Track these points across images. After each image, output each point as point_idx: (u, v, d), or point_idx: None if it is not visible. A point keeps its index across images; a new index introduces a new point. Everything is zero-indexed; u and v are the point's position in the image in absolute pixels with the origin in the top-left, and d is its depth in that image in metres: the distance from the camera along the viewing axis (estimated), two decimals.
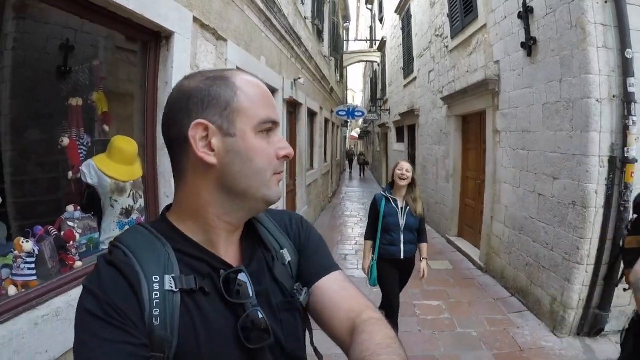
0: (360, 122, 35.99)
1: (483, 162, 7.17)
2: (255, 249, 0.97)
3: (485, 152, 6.97)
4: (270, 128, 0.89)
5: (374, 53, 22.24)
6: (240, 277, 0.85)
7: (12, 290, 1.94)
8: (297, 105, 8.80)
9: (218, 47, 3.96)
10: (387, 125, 18.72)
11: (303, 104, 9.12)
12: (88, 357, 0.70)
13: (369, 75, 30.14)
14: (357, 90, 53.65)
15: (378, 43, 21.04)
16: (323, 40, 12.87)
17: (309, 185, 10.33)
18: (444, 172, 9.29)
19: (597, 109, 4.13)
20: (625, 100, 4.07)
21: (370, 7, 24.69)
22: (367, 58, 24.06)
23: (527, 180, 5.44)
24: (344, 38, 22.95)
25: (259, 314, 0.84)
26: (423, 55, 11.21)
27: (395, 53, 15.88)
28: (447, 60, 9.01)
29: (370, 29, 25.38)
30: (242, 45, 4.68)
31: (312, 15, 10.35)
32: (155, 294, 0.76)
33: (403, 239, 4.02)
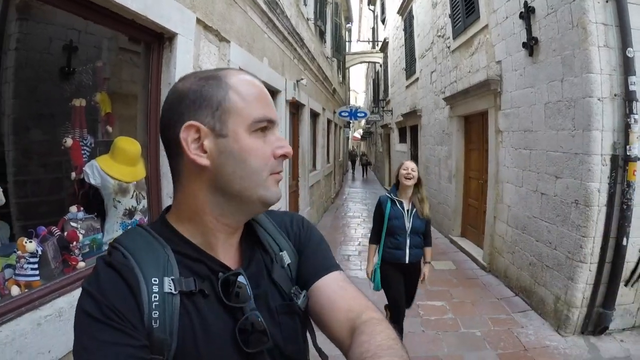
0: (363, 123, 36.01)
1: (485, 162, 7.16)
2: (255, 251, 0.96)
3: (488, 152, 6.97)
4: (266, 127, 0.86)
5: (376, 54, 22.24)
6: (240, 279, 0.84)
7: (15, 290, 1.94)
8: (299, 106, 8.81)
9: (221, 48, 3.97)
10: (389, 126, 18.71)
11: (305, 105, 9.12)
12: (88, 359, 0.69)
13: (372, 76, 30.14)
14: (359, 91, 53.67)
15: (380, 44, 21.05)
16: (325, 41, 12.87)
17: (312, 186, 10.33)
18: (447, 172, 9.28)
19: (598, 108, 4.14)
20: (627, 99, 4.08)
21: (373, 8, 24.65)
22: (369, 59, 24.10)
23: (529, 180, 5.44)
24: (347, 39, 22.92)
25: (257, 318, 0.83)
26: (425, 56, 11.20)
27: (398, 54, 15.88)
28: (449, 61, 9.01)
29: (373, 30, 25.37)
30: (244, 47, 4.68)
31: (314, 17, 10.36)
32: (155, 296, 0.76)
33: (409, 243, 3.89)
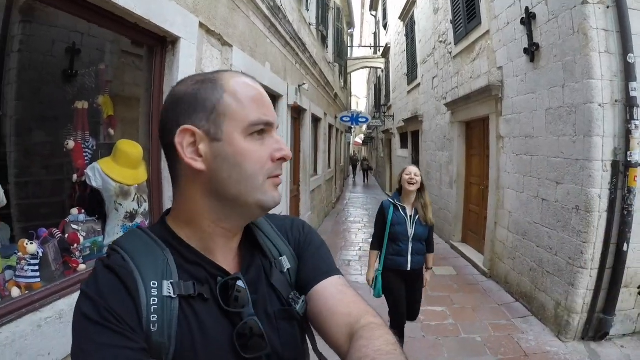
0: (364, 128, 36.02)
1: (486, 167, 7.17)
2: (254, 256, 0.95)
3: (489, 157, 6.97)
4: (264, 130, 0.85)
5: (378, 59, 22.27)
6: (238, 284, 0.84)
7: (15, 292, 1.94)
8: (301, 111, 8.81)
9: (223, 52, 3.99)
10: (390, 131, 18.71)
11: (307, 110, 9.14)
12: None
13: (373, 82, 30.17)
14: (361, 96, 53.79)
15: (382, 49, 21.12)
16: (327, 47, 12.91)
17: (313, 191, 10.34)
18: (448, 177, 9.29)
19: (599, 114, 4.14)
20: (628, 105, 4.09)
21: (374, 13, 24.75)
22: (371, 64, 24.10)
23: (530, 186, 5.44)
24: (348, 44, 23.01)
25: (256, 323, 0.83)
26: (427, 62, 11.23)
27: (399, 59, 15.92)
28: (450, 67, 9.03)
29: (374, 35, 25.47)
30: (247, 51, 4.70)
31: (316, 22, 10.40)
32: (153, 300, 0.76)
33: (411, 250, 3.80)
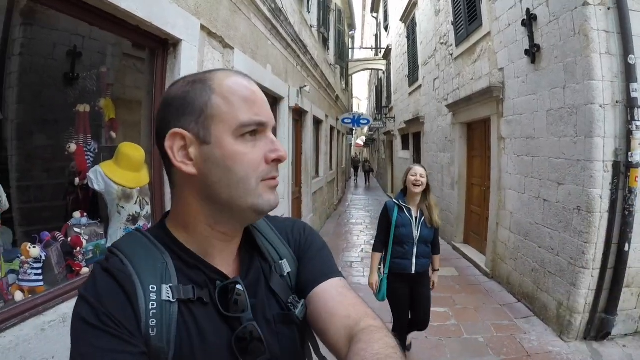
0: (366, 129, 35.99)
1: (488, 168, 7.16)
2: (253, 259, 0.94)
3: (490, 158, 6.97)
4: (256, 130, 0.82)
5: (379, 61, 22.29)
6: (238, 287, 0.83)
7: (18, 296, 1.95)
8: (302, 113, 8.83)
9: (225, 54, 4.00)
10: (392, 133, 18.71)
11: (309, 112, 9.16)
12: None
13: (374, 83, 30.16)
14: (362, 98, 53.77)
15: (383, 51, 21.13)
16: (329, 48, 12.93)
17: (315, 193, 10.34)
18: (449, 179, 9.28)
19: (600, 115, 4.14)
20: (629, 106, 4.09)
21: (376, 15, 24.74)
22: (372, 66, 24.14)
23: (532, 186, 5.44)
24: (350, 46, 22.98)
25: (255, 328, 0.82)
26: (428, 63, 11.23)
27: (401, 61, 15.93)
28: (451, 68, 9.03)
29: (376, 37, 25.44)
30: (248, 53, 4.72)
31: (317, 24, 10.42)
32: (152, 304, 0.74)
33: (416, 252, 3.68)
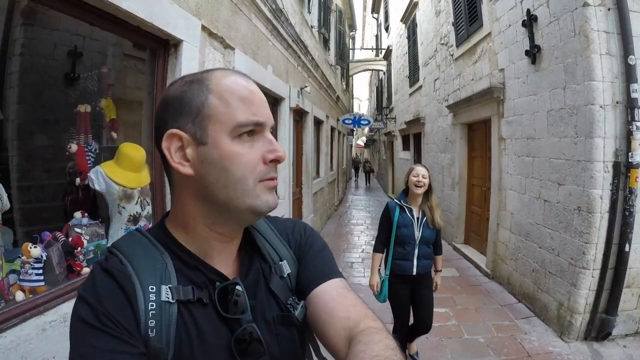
0: (366, 130, 35.98)
1: (488, 169, 7.17)
2: (253, 260, 0.93)
3: (491, 159, 6.97)
4: (254, 130, 0.81)
5: (380, 61, 22.32)
6: (237, 288, 0.82)
7: (19, 296, 1.95)
8: (303, 114, 8.84)
9: (225, 55, 4.00)
10: (392, 134, 18.72)
11: (309, 112, 9.17)
12: None
13: (375, 84, 30.16)
14: (362, 99, 53.69)
15: (384, 52, 21.14)
16: (329, 49, 12.93)
17: (315, 194, 10.34)
18: (450, 179, 9.27)
19: (600, 115, 4.15)
20: (629, 106, 4.10)
21: (376, 16, 24.73)
22: (372, 66, 24.18)
23: (532, 187, 5.44)
24: (350, 47, 23.00)
25: (254, 329, 0.81)
26: (428, 64, 11.24)
27: (401, 61, 15.94)
28: (452, 69, 9.04)
29: (376, 38, 25.44)
30: (249, 54, 4.72)
31: (318, 24, 10.43)
32: (151, 305, 0.74)
33: (417, 254, 3.62)
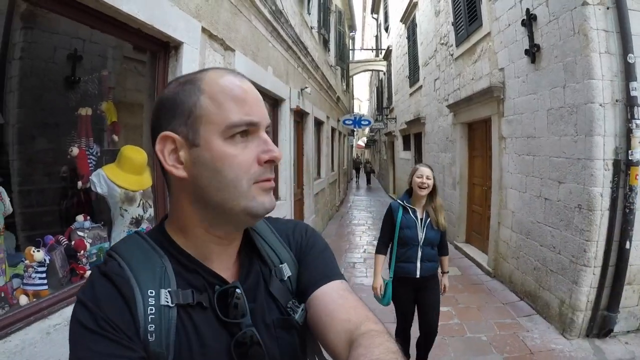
0: (367, 130, 35.95)
1: (489, 168, 7.18)
2: (253, 263, 0.91)
3: (491, 158, 6.98)
4: (247, 131, 0.79)
5: (380, 62, 22.30)
6: (237, 292, 0.81)
7: (23, 300, 1.96)
8: (303, 115, 8.84)
9: (226, 57, 4.01)
10: (393, 134, 18.73)
11: (310, 113, 9.17)
12: None
13: (375, 84, 30.14)
14: (363, 99, 53.61)
15: (384, 52, 21.15)
16: (329, 50, 12.93)
17: (317, 194, 10.34)
18: (451, 179, 9.28)
19: (600, 114, 4.16)
20: (628, 104, 4.11)
21: (376, 16, 24.73)
22: (373, 67, 24.15)
23: (533, 185, 5.45)
24: (350, 47, 22.96)
25: (254, 333, 0.80)
26: (428, 64, 11.24)
27: (401, 62, 15.94)
28: (452, 68, 9.05)
29: (376, 38, 25.43)
30: (249, 55, 4.73)
31: (318, 25, 10.43)
32: (151, 309, 0.73)
33: (420, 256, 3.52)
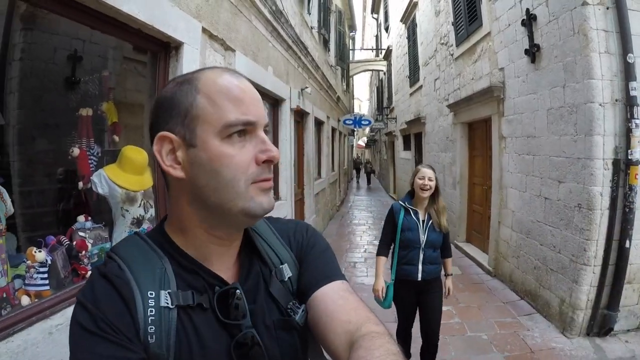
0: (367, 130, 35.95)
1: (489, 168, 7.18)
2: (253, 264, 0.91)
3: (491, 158, 6.98)
4: (244, 130, 0.78)
5: (380, 62, 22.29)
6: (237, 292, 0.81)
7: (25, 300, 1.96)
8: (304, 115, 8.84)
9: (226, 57, 4.01)
10: (393, 134, 18.73)
11: (310, 113, 9.17)
12: None
13: (375, 84, 30.12)
14: (363, 99, 53.60)
15: (384, 52, 21.12)
16: (329, 50, 12.94)
17: (317, 194, 10.35)
18: (451, 179, 9.28)
19: (600, 113, 4.17)
20: (628, 104, 4.12)
21: (376, 16, 24.70)
22: (373, 67, 24.16)
23: (533, 185, 5.46)
24: (350, 47, 22.95)
25: (254, 334, 0.80)
26: (428, 64, 11.24)
27: (401, 61, 15.93)
28: (452, 68, 9.05)
29: (376, 38, 25.41)
30: (249, 56, 4.73)
31: (318, 25, 10.43)
32: (151, 311, 0.73)
33: (422, 258, 3.46)
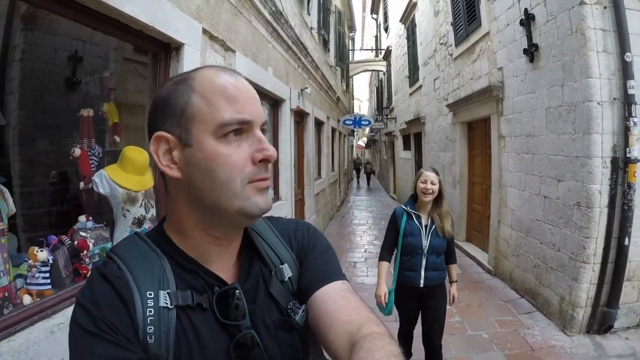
0: (367, 130, 35.93)
1: (489, 167, 7.20)
2: (253, 264, 0.90)
3: (491, 157, 7.01)
4: (241, 129, 0.77)
5: (380, 62, 22.30)
6: (237, 293, 0.81)
7: (27, 300, 1.98)
8: (304, 115, 8.86)
9: (227, 58, 4.03)
10: (393, 134, 18.74)
11: (310, 114, 9.19)
12: None
13: (375, 84, 30.13)
14: (363, 99, 53.56)
15: (383, 52, 21.15)
16: (329, 50, 12.96)
17: (317, 194, 10.36)
18: (451, 178, 9.28)
19: (598, 112, 4.19)
20: (626, 102, 4.14)
21: (375, 16, 24.73)
22: (372, 67, 24.15)
23: (532, 184, 5.47)
24: (350, 48, 22.96)
25: (253, 335, 0.80)
26: (428, 64, 11.26)
27: (401, 62, 15.95)
28: (451, 68, 9.07)
29: (376, 38, 25.42)
30: (249, 56, 4.75)
31: (318, 26, 10.45)
32: (150, 311, 0.73)
33: (425, 264, 3.36)
